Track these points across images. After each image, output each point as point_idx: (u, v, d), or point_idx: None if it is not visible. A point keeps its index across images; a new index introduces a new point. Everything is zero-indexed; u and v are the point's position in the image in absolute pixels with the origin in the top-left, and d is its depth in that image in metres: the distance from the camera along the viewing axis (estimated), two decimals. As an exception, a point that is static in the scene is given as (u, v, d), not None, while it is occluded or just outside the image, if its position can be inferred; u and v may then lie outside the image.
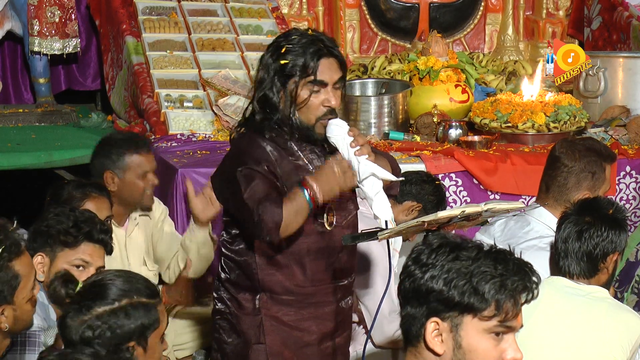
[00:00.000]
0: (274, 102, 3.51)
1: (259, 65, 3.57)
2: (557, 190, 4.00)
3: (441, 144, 5.78)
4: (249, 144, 3.53)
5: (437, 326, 2.26)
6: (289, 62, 3.48)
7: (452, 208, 4.93)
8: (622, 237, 3.51)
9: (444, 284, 2.24)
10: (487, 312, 2.24)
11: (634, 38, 6.92)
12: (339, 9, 7.55)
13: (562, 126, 5.80)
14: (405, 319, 2.31)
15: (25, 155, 6.26)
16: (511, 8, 7.78)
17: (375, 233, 3.41)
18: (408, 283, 2.29)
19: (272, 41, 3.61)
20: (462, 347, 2.26)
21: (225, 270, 3.69)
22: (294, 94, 3.48)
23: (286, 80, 3.49)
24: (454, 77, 6.48)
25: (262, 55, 3.60)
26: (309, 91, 3.48)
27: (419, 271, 2.27)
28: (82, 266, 3.38)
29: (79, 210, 3.53)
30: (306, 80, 3.48)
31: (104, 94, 7.48)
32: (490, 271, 2.24)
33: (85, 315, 2.69)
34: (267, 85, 3.51)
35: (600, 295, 3.46)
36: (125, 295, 2.73)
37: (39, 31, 7.03)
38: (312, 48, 3.48)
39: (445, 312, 2.25)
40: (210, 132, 5.91)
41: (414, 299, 2.28)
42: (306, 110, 3.50)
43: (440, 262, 2.26)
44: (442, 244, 2.30)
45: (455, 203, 5.39)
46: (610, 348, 3.34)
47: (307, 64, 3.47)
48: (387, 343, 4.34)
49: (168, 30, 6.73)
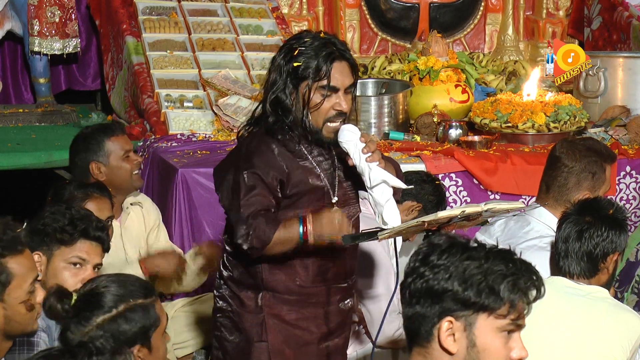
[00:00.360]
0: (287, 105, 3.52)
1: (271, 66, 3.58)
2: (558, 191, 4.00)
3: (441, 144, 5.78)
4: (259, 146, 3.54)
5: (450, 325, 2.28)
6: (301, 64, 3.49)
7: (452, 208, 4.93)
8: (622, 238, 3.51)
9: (459, 283, 2.26)
10: (502, 310, 2.27)
11: (634, 38, 6.92)
12: (339, 9, 7.55)
13: (562, 126, 5.80)
14: (413, 318, 2.32)
15: (25, 155, 6.26)
16: (511, 8, 7.77)
17: (375, 233, 3.42)
18: (419, 283, 2.29)
19: (284, 43, 3.63)
20: (477, 345, 2.29)
21: (227, 267, 3.69)
22: (306, 97, 3.50)
23: (298, 83, 3.51)
24: (454, 77, 6.48)
25: (273, 56, 3.61)
26: (321, 95, 3.50)
27: (430, 271, 2.29)
28: (79, 264, 3.38)
29: (75, 208, 3.53)
30: (319, 84, 3.50)
31: (104, 94, 7.47)
32: (503, 270, 2.28)
33: (85, 327, 2.70)
34: (279, 88, 3.53)
35: (601, 295, 3.46)
36: (121, 301, 2.73)
37: (39, 31, 7.02)
38: (324, 51, 3.50)
39: (459, 311, 2.27)
40: (210, 132, 5.91)
41: (425, 299, 2.29)
42: (316, 113, 3.53)
43: (453, 262, 2.28)
44: (452, 244, 2.32)
45: (455, 203, 5.39)
46: (611, 348, 3.34)
47: (319, 67, 3.49)
48: (387, 343, 4.34)
49: (168, 30, 6.73)
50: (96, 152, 4.56)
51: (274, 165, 3.50)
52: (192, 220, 5.16)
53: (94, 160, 4.55)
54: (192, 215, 5.15)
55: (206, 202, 5.14)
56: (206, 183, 5.14)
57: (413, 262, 2.34)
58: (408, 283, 2.33)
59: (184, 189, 5.16)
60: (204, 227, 5.15)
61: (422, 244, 2.39)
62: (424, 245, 2.37)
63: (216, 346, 3.75)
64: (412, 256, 2.36)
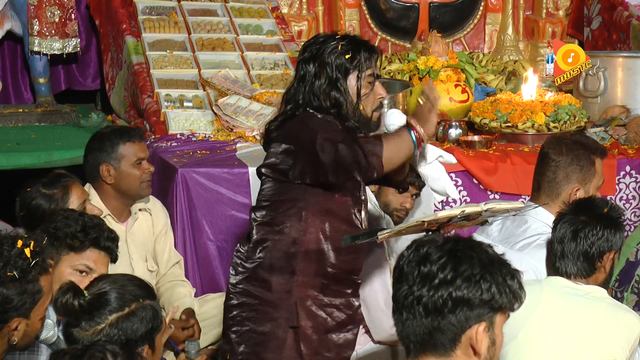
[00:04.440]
0: (341, 102, 3.67)
1: (316, 68, 3.68)
2: (547, 186, 4.01)
3: (441, 143, 5.78)
4: (323, 120, 3.65)
5: (478, 327, 2.31)
6: (353, 57, 3.68)
7: (452, 208, 4.93)
8: (618, 236, 3.52)
9: (483, 290, 2.29)
10: (516, 306, 2.36)
11: (633, 38, 6.92)
12: (339, 9, 7.55)
13: (562, 126, 5.80)
14: (435, 329, 2.31)
15: (25, 155, 6.26)
16: (511, 8, 7.78)
17: (375, 233, 3.42)
18: (442, 293, 2.29)
19: (315, 44, 3.74)
20: (495, 343, 2.35)
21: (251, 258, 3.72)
22: (359, 87, 3.69)
23: (346, 76, 3.68)
24: (454, 77, 6.49)
25: (310, 59, 3.70)
26: (369, 84, 3.71)
27: (449, 283, 2.29)
28: (85, 272, 3.37)
29: (88, 215, 3.53)
30: (367, 74, 3.71)
31: (104, 94, 7.48)
32: (508, 270, 2.35)
33: (99, 324, 2.72)
34: (331, 85, 3.67)
35: (599, 295, 3.46)
36: (133, 300, 2.76)
37: (38, 31, 7.03)
38: (363, 45, 3.72)
39: (486, 315, 2.31)
40: (210, 132, 5.91)
41: (448, 310, 2.29)
42: (365, 103, 3.72)
43: (468, 270, 2.30)
44: (456, 252, 2.33)
45: (455, 203, 5.39)
46: (610, 348, 3.34)
47: (368, 58, 3.70)
48: (387, 339, 4.35)
49: (168, 30, 6.73)
50: (109, 154, 4.54)
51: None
52: (192, 220, 5.16)
53: (105, 161, 4.53)
54: (192, 215, 5.15)
55: (206, 202, 5.14)
56: (206, 183, 5.14)
57: (422, 275, 2.32)
58: (424, 297, 2.31)
59: (184, 189, 5.16)
60: (203, 226, 5.15)
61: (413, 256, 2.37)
62: (419, 258, 2.35)
63: (237, 341, 3.74)
64: (417, 270, 2.33)
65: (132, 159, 4.54)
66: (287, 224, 3.67)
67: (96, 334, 2.72)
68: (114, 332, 2.71)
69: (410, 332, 2.34)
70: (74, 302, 2.76)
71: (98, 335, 2.70)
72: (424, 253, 2.34)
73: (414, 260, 2.35)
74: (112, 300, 2.76)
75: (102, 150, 4.55)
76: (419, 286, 2.32)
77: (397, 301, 2.35)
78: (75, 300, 2.76)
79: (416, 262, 2.34)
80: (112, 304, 2.76)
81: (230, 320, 3.77)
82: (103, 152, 4.55)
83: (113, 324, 2.73)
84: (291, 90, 3.76)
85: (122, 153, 4.54)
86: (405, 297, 2.33)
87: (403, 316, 2.34)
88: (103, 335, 2.70)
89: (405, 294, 2.33)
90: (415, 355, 2.35)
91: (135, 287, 2.82)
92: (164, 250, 4.77)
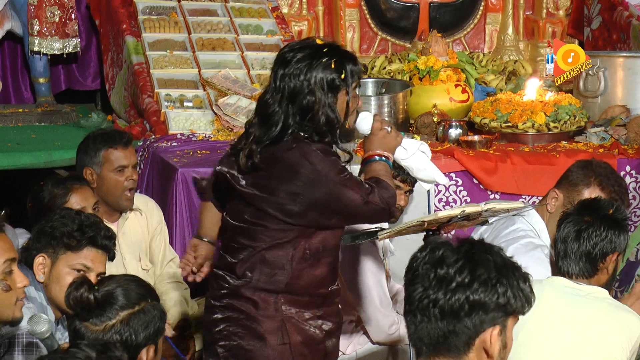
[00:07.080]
0: (333, 121, 3.48)
1: (306, 90, 3.46)
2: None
3: (441, 143, 5.78)
4: (325, 157, 3.47)
5: (493, 331, 2.30)
6: (340, 72, 3.48)
7: (452, 208, 4.93)
8: (622, 238, 3.50)
9: (499, 294, 2.28)
10: (527, 309, 2.35)
11: (634, 38, 6.92)
12: (339, 8, 7.55)
13: (562, 126, 5.80)
14: (449, 332, 2.29)
15: (25, 155, 6.27)
16: (511, 8, 7.77)
17: (375, 233, 3.43)
18: (459, 297, 2.27)
19: (306, 60, 3.49)
20: (507, 346, 2.33)
21: (235, 276, 3.62)
22: (348, 102, 3.50)
23: (337, 93, 3.49)
24: (454, 77, 6.49)
25: (301, 80, 3.46)
26: (354, 97, 3.53)
27: (466, 287, 2.27)
28: (82, 271, 3.37)
29: (85, 214, 3.53)
30: (353, 87, 3.52)
31: (104, 94, 7.48)
32: (520, 273, 2.33)
33: (110, 320, 2.72)
34: (326, 107, 3.46)
35: (600, 296, 3.45)
36: (142, 298, 2.78)
37: (39, 31, 7.03)
38: (346, 55, 3.53)
39: (499, 318, 2.30)
40: (210, 131, 5.91)
41: (465, 313, 2.28)
42: (350, 116, 3.56)
43: (485, 273, 2.28)
44: (472, 255, 2.31)
45: (455, 203, 5.39)
46: (611, 348, 3.33)
47: (356, 70, 3.52)
48: (386, 339, 4.35)
49: (168, 30, 6.73)
50: (91, 158, 4.55)
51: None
52: (192, 220, 5.16)
53: (88, 165, 4.55)
54: (192, 215, 5.15)
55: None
56: (206, 183, 5.15)
57: (438, 279, 2.29)
58: (440, 301, 2.28)
59: (184, 188, 5.16)
60: (203, 227, 5.14)
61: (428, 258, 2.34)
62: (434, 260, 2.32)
63: (225, 356, 3.62)
64: (432, 274, 2.31)
65: (113, 164, 4.53)
66: (275, 248, 3.55)
67: (107, 330, 2.72)
68: (124, 328, 2.71)
69: (424, 334, 2.31)
70: (89, 296, 2.75)
71: (109, 332, 2.71)
72: (440, 255, 2.30)
73: (429, 262, 2.30)
74: (121, 297, 2.78)
75: (86, 153, 4.58)
76: (435, 289, 2.28)
77: (411, 303, 2.32)
78: (89, 294, 2.76)
79: (432, 265, 2.30)
80: (122, 300, 2.77)
81: (216, 335, 3.64)
82: (87, 155, 4.57)
83: (124, 321, 2.73)
84: (268, 100, 3.50)
85: (104, 158, 4.53)
86: (420, 299, 2.29)
87: (417, 318, 2.30)
88: (114, 332, 2.70)
89: (420, 296, 2.29)
90: (427, 358, 2.32)
91: (143, 287, 2.85)
92: (160, 248, 4.76)
